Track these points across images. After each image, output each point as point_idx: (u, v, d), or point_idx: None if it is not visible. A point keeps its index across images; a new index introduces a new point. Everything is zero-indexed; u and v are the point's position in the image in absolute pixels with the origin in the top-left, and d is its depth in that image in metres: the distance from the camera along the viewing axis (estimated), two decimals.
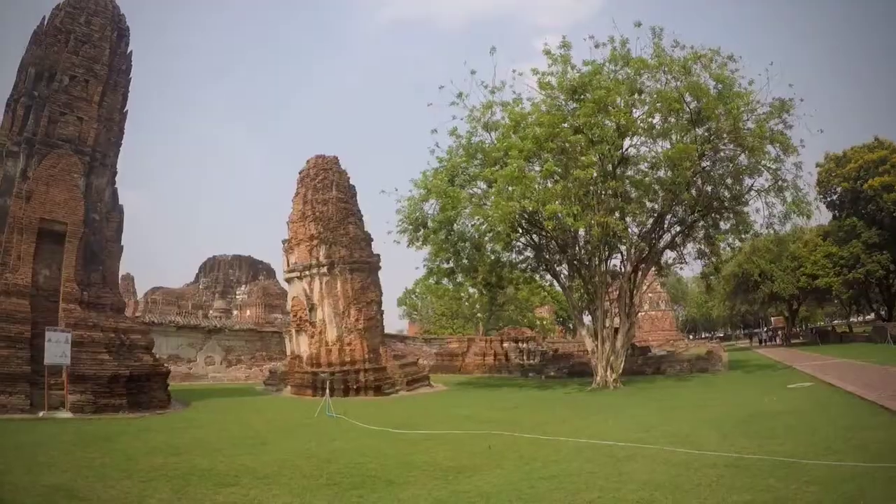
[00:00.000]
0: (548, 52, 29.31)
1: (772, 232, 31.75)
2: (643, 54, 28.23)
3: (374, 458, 11.18)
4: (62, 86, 22.51)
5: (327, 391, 23.19)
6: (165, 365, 25.07)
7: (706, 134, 28.35)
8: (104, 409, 18.34)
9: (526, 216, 28.86)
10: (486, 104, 30.13)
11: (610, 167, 28.72)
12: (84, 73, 23.08)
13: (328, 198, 31.95)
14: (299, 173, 33.84)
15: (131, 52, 25.73)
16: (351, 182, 33.74)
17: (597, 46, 28.91)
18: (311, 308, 30.74)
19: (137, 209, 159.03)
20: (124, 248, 25.02)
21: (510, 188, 26.75)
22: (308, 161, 33.88)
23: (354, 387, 27.48)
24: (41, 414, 17.18)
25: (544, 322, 75.57)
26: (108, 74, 23.81)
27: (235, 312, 59.49)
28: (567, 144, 27.34)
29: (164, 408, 20.92)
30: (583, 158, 26.51)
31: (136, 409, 19.27)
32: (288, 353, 32.98)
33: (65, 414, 17.54)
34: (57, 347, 17.97)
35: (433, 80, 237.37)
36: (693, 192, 29.14)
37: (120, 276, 26.98)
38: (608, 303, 31.03)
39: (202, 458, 11.34)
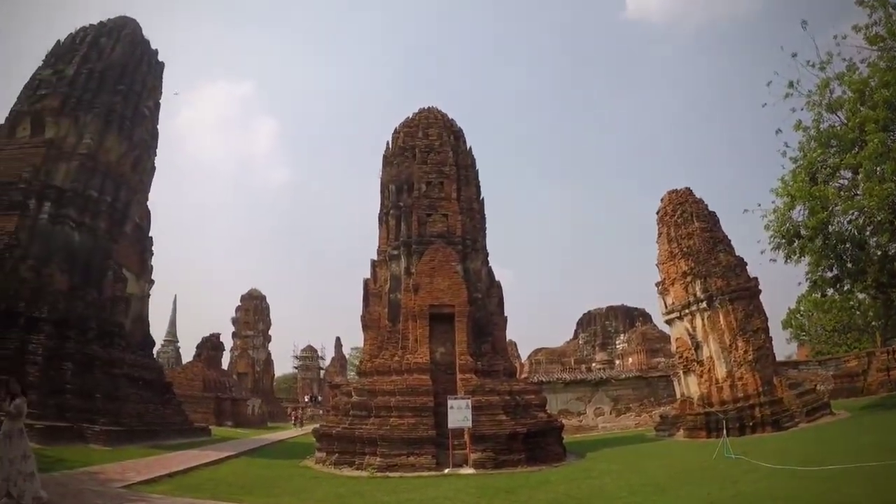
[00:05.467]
0: (861, 2, 25.49)
1: None
2: None
3: (782, 501, 10.49)
4: (421, 192, 26.27)
5: (724, 431, 22.30)
6: (558, 420, 26.20)
7: None
8: (504, 465, 19.95)
9: None
10: (820, 83, 26.99)
11: None
12: (436, 176, 26.64)
13: (691, 231, 31.25)
14: (656, 213, 33.76)
15: (470, 147, 29.03)
16: (710, 209, 32.52)
17: None
18: (696, 346, 29.95)
19: (511, 282, 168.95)
20: (507, 318, 27.22)
21: (879, 168, 23.48)
22: (661, 199, 33.77)
23: (750, 424, 25.93)
24: (446, 471, 19.44)
25: None
26: (456, 172, 27.05)
27: (617, 362, 59.68)
28: None
29: (560, 460, 21.96)
30: None
31: (533, 464, 20.55)
32: (677, 395, 32.36)
33: (467, 470, 19.55)
34: (458, 413, 20.24)
35: (754, 79, 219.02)
36: None
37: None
38: None
39: None
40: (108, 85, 30.70)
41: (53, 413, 21.82)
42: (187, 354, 73.55)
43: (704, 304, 29.36)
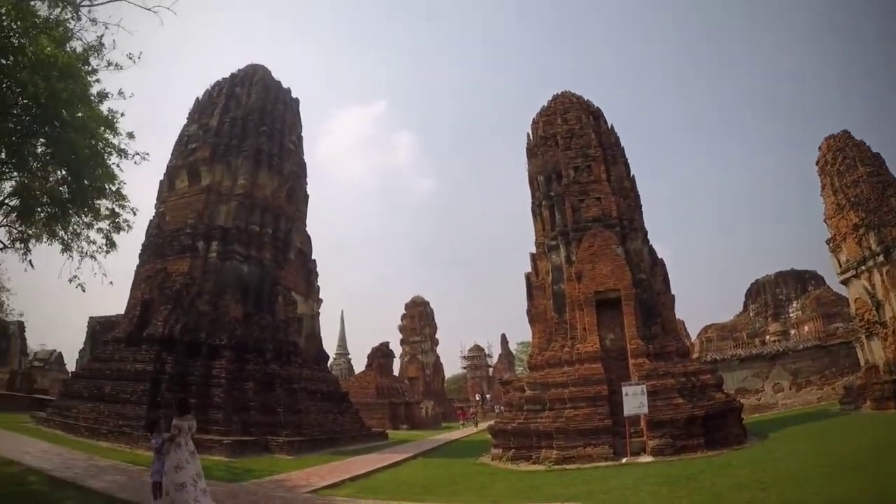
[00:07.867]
0: None
1: None
2: None
3: None
4: (570, 179, 26.14)
5: None
6: (736, 399, 25.16)
7: None
8: (683, 450, 19.30)
9: None
10: None
11: None
12: (582, 160, 26.36)
13: (856, 177, 29.41)
14: (816, 164, 32.20)
15: (612, 125, 28.44)
16: (874, 151, 30.56)
17: None
18: (877, 306, 27.91)
19: (672, 258, 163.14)
20: (674, 296, 26.55)
21: None
22: (819, 148, 32.47)
23: None
24: (624, 460, 19.15)
25: None
26: (602, 153, 26.63)
27: (792, 332, 56.07)
28: None
29: (741, 442, 21.05)
30: None
31: (713, 447, 19.74)
32: (861, 363, 30.27)
33: (646, 458, 19.16)
34: (634, 399, 19.82)
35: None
36: None
37: None
38: None
39: (792, 489, 11.12)
40: (251, 128, 33.62)
41: (239, 429, 24.06)
42: (359, 364, 77.13)
43: (882, 258, 27.30)
